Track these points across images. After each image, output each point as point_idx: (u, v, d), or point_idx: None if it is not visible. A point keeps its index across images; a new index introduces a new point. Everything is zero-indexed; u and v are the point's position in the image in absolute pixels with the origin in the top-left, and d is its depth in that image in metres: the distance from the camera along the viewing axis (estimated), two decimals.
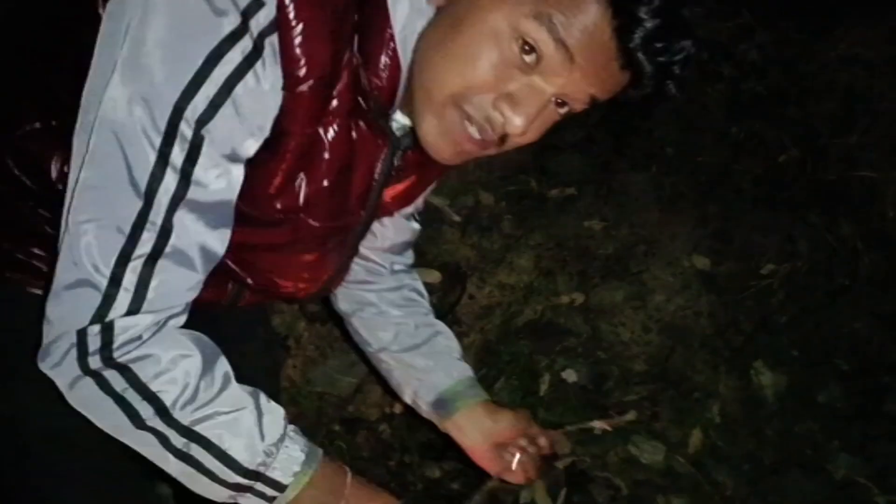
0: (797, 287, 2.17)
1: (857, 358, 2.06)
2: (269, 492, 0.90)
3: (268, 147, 0.84)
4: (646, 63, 0.79)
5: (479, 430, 1.21)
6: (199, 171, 0.80)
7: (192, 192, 0.80)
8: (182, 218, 0.81)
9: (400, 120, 0.93)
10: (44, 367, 0.83)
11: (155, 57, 0.76)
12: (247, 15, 0.76)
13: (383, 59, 0.85)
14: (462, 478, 1.75)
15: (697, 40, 0.80)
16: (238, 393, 0.89)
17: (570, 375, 1.95)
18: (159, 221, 0.80)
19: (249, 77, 0.78)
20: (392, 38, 0.84)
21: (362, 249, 1.18)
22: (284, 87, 0.80)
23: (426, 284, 2.06)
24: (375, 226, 1.17)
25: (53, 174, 0.89)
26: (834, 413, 1.95)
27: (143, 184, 0.78)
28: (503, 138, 0.86)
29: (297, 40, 0.78)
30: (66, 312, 0.81)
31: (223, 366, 0.89)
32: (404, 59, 0.86)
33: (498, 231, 2.18)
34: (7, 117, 0.91)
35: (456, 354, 1.25)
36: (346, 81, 0.84)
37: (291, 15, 0.77)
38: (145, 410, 0.84)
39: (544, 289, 2.09)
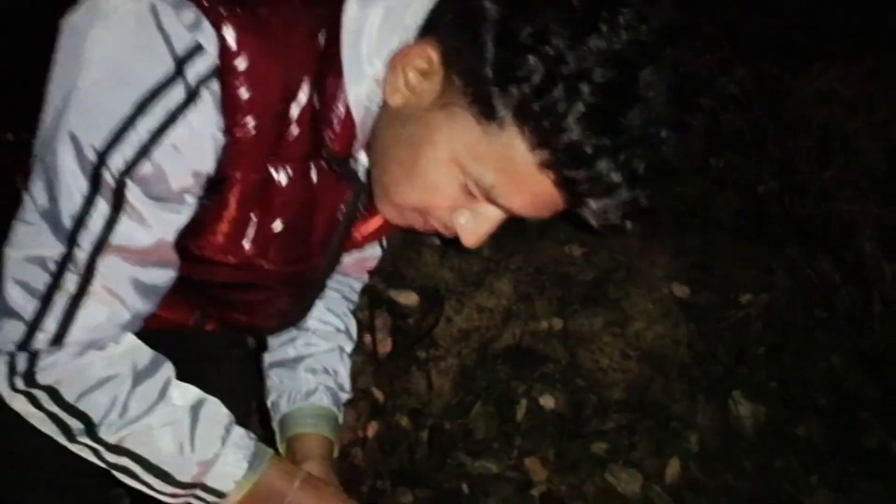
0: (775, 319, 2.17)
1: (834, 393, 2.06)
2: (211, 498, 0.92)
3: (213, 192, 0.82)
4: (596, 224, 0.80)
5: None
6: (123, 219, 0.78)
7: (117, 239, 0.79)
8: (108, 261, 0.80)
9: (364, 162, 0.89)
10: None
11: (85, 100, 0.74)
12: (183, 62, 0.73)
13: (336, 114, 0.82)
14: None
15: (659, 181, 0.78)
16: (174, 404, 0.89)
17: (547, 402, 1.93)
18: (83, 263, 0.79)
19: (180, 125, 0.75)
20: (346, 98, 0.81)
21: None
22: (226, 133, 0.77)
23: (404, 306, 2.07)
24: None
25: (21, 186, 0.86)
26: (812, 448, 1.94)
27: (68, 226, 0.78)
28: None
29: (242, 87, 0.75)
30: None
31: (163, 376, 0.89)
32: (358, 115, 0.82)
33: (477, 254, 2.16)
34: None
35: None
36: (301, 127, 0.81)
37: (236, 62, 0.74)
38: (75, 425, 0.86)
39: (523, 314, 2.06)
